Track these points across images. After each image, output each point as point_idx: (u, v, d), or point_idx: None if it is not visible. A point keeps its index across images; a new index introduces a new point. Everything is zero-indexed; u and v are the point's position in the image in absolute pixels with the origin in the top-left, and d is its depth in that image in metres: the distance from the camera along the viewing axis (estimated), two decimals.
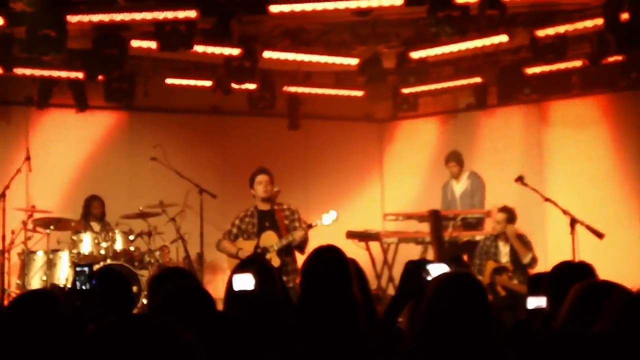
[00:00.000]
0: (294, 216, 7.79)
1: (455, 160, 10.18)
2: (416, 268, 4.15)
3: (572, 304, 2.91)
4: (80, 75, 9.63)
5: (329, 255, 4.24)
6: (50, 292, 3.70)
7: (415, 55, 9.92)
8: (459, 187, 10.19)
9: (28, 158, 8.94)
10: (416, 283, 3.99)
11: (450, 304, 2.72)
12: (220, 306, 4.07)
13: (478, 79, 10.53)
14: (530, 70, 9.78)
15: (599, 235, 7.78)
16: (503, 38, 9.00)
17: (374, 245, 9.96)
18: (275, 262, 7.36)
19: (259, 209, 7.88)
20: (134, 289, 5.72)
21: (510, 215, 8.68)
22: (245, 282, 3.91)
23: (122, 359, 1.41)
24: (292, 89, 11.23)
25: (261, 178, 7.92)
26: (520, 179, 8.53)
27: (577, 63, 9.41)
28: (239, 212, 8.08)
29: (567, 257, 7.23)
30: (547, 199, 8.36)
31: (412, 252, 10.01)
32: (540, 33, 8.83)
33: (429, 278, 3.98)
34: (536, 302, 3.53)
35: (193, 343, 1.49)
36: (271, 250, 7.56)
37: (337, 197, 11.64)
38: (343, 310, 3.99)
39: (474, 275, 3.03)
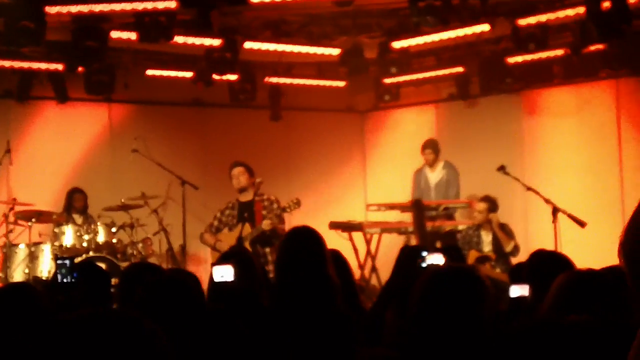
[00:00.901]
0: (272, 206, 7.88)
1: (431, 147, 10.23)
2: (412, 253, 4.18)
3: (557, 294, 2.90)
4: (60, 67, 9.56)
5: (303, 236, 4.23)
6: (30, 285, 3.68)
7: (397, 45, 9.91)
8: (434, 176, 10.23)
9: (9, 151, 8.88)
10: (410, 268, 4.01)
11: (446, 300, 2.61)
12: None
13: (460, 69, 10.55)
14: (512, 60, 9.80)
15: (581, 224, 7.82)
16: (485, 27, 9.01)
17: (357, 236, 9.97)
18: None
19: (240, 200, 7.95)
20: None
21: (491, 204, 8.71)
22: (224, 273, 3.91)
23: (82, 351, 1.40)
24: (274, 80, 11.20)
25: (235, 171, 8.10)
26: (502, 169, 8.56)
27: (559, 52, 9.45)
28: (221, 205, 8.14)
29: (550, 246, 7.26)
30: (529, 188, 8.40)
31: (395, 242, 10.05)
32: (522, 22, 8.85)
33: (424, 265, 4.01)
34: (519, 290, 3.54)
35: (158, 335, 1.48)
36: (245, 240, 7.67)
37: (320, 188, 11.65)
38: (317, 290, 3.98)
39: (475, 269, 2.91)
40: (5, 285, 4.33)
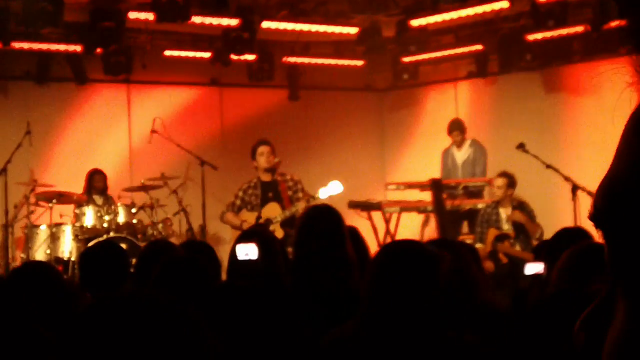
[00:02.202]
0: (297, 187, 7.80)
1: (458, 129, 10.14)
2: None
3: (563, 267, 2.90)
4: (78, 48, 9.59)
5: (322, 214, 4.22)
6: (48, 263, 3.71)
7: (415, 23, 9.85)
8: (461, 155, 10.16)
9: (28, 132, 8.92)
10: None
11: (394, 276, 2.63)
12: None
13: (479, 47, 10.47)
14: (531, 37, 9.71)
15: None
16: (504, 4, 8.94)
17: (376, 215, 9.96)
18: (279, 233, 7.37)
19: (262, 180, 7.87)
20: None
21: (510, 180, 8.66)
22: (248, 251, 3.92)
23: (118, 334, 1.40)
24: (292, 60, 11.18)
25: (262, 149, 7.92)
26: (521, 146, 8.50)
27: (579, 29, 9.35)
28: (241, 184, 8.08)
29: (569, 223, 7.22)
30: (548, 166, 8.34)
31: (414, 221, 10.05)
32: None
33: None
34: (534, 268, 3.52)
35: (195, 316, 1.48)
36: (274, 221, 7.56)
37: (338, 168, 11.62)
38: (336, 268, 3.98)
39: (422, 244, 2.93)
40: (24, 264, 4.36)
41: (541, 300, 2.28)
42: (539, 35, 9.63)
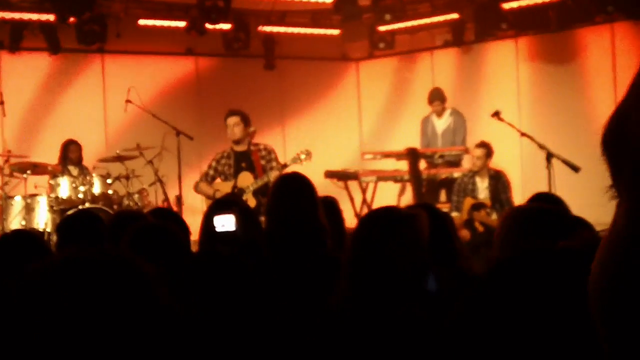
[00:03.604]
0: (271, 156, 7.80)
1: (438, 98, 10.13)
2: None
3: (501, 232, 2.89)
4: (51, 17, 9.47)
5: (293, 182, 4.22)
6: (36, 231, 3.71)
7: None
8: (441, 123, 10.17)
9: (1, 102, 8.82)
10: None
11: (370, 241, 2.70)
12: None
13: (455, 16, 10.47)
14: (507, 5, 9.72)
15: (575, 169, 7.81)
16: None
17: (353, 185, 9.98)
18: (252, 202, 7.38)
19: (235, 150, 7.87)
20: None
21: (488, 150, 8.71)
22: (225, 222, 3.90)
23: (71, 290, 1.40)
24: (267, 29, 11.12)
25: (230, 120, 7.94)
26: (496, 114, 8.52)
27: None
28: (215, 154, 8.07)
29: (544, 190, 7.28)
30: (523, 134, 8.37)
31: (390, 190, 10.08)
32: None
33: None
34: None
35: (152, 275, 1.48)
36: (247, 191, 7.58)
37: (315, 137, 11.62)
38: (307, 234, 3.99)
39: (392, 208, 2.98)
40: (12, 231, 4.35)
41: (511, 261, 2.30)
42: (514, 4, 9.64)
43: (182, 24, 10.36)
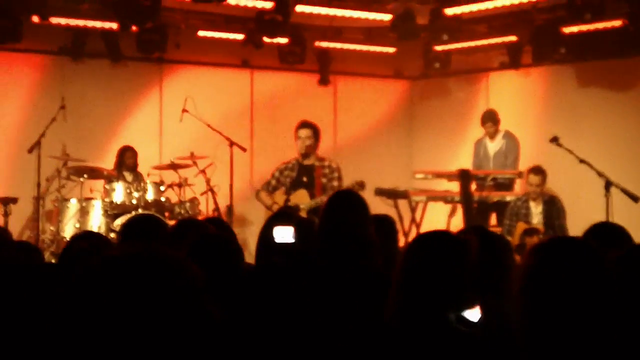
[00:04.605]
0: (333, 175, 7.66)
1: (491, 120, 10.08)
2: None
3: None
4: (114, 25, 9.65)
5: (346, 199, 4.26)
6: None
7: (449, 11, 9.80)
8: (493, 146, 10.11)
9: (63, 107, 9.00)
10: None
11: (423, 264, 2.70)
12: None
13: (513, 38, 10.40)
14: (566, 30, 9.62)
15: (635, 198, 7.71)
16: None
17: (402, 203, 9.97)
18: None
19: (300, 162, 7.77)
20: None
21: (544, 175, 8.63)
22: (285, 234, 3.94)
23: (125, 284, 1.45)
24: (323, 44, 11.18)
25: (302, 132, 7.79)
26: (555, 140, 8.44)
27: (616, 23, 9.25)
28: (280, 164, 8.01)
29: (601, 220, 7.18)
30: (582, 161, 8.26)
31: (440, 211, 10.04)
32: None
33: None
34: None
35: (201, 280, 1.53)
36: (301, 209, 7.52)
37: (366, 154, 11.65)
38: (358, 250, 4.01)
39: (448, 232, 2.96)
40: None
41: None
42: (574, 28, 9.54)
43: (240, 36, 10.48)
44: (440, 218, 9.89)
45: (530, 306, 2.24)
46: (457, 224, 9.56)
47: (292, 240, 3.95)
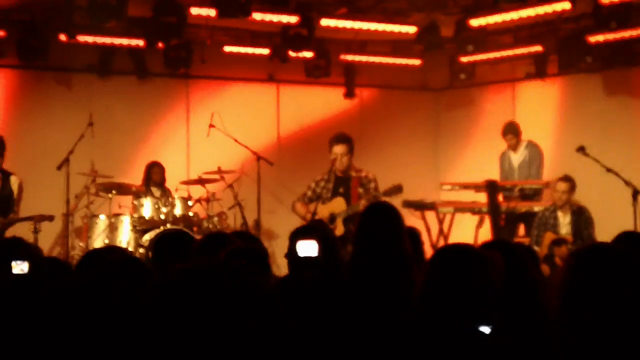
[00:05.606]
0: (369, 185, 7.62)
1: (512, 132, 10.06)
2: None
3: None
4: (140, 42, 9.75)
5: (382, 211, 4.27)
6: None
7: (474, 22, 9.78)
8: (517, 157, 10.08)
9: (91, 124, 9.09)
10: None
11: (445, 278, 2.72)
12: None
13: (538, 48, 10.35)
14: (592, 39, 9.56)
15: None
16: (565, 5, 8.82)
17: (430, 215, 9.95)
18: (340, 230, 7.33)
19: (336, 174, 7.74)
20: None
21: (572, 184, 8.58)
22: (309, 248, 3.96)
23: (203, 303, 1.47)
24: (349, 57, 11.21)
25: (337, 149, 7.67)
26: (581, 149, 8.40)
27: None
28: (316, 175, 7.95)
29: (629, 229, 7.12)
30: (609, 170, 8.22)
31: (468, 222, 10.00)
32: (604, 0, 8.64)
33: None
34: None
35: (269, 288, 1.55)
36: (338, 217, 7.50)
37: (393, 166, 11.61)
38: (393, 265, 4.01)
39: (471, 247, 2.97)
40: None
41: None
42: (600, 37, 9.49)
43: (265, 51, 10.54)
44: (468, 229, 9.85)
45: (573, 311, 2.29)
46: (485, 235, 9.52)
47: (316, 254, 3.96)
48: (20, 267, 3.39)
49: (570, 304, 2.35)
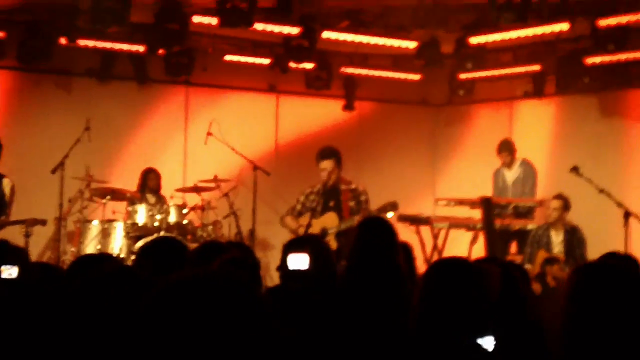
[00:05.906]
0: (360, 198, 7.60)
1: (507, 150, 10.13)
2: None
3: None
4: (141, 48, 9.78)
5: (376, 225, 4.28)
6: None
7: (474, 40, 9.85)
8: (511, 174, 10.14)
9: (88, 128, 9.06)
10: None
11: (441, 291, 2.73)
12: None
13: (537, 67, 10.41)
14: (590, 60, 9.63)
15: None
16: (564, 26, 8.88)
17: (425, 230, 9.96)
18: (333, 244, 7.29)
19: (326, 187, 7.64)
20: None
21: (565, 202, 8.61)
22: (300, 261, 3.96)
23: (196, 311, 1.49)
24: (349, 70, 11.25)
25: (324, 164, 7.61)
26: (575, 169, 8.44)
27: (639, 54, 9.25)
28: (305, 188, 7.92)
29: (620, 250, 7.14)
30: (601, 191, 8.27)
31: (462, 237, 10.02)
32: (602, 23, 8.70)
33: None
34: None
35: (260, 295, 1.57)
36: (330, 232, 7.46)
37: (388, 179, 11.64)
38: (387, 278, 4.02)
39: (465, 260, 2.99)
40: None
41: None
42: (597, 59, 9.55)
43: (266, 61, 10.58)
44: (462, 245, 9.86)
45: (577, 327, 2.37)
46: (478, 251, 9.54)
47: (307, 267, 3.96)
48: (9, 272, 3.36)
49: (575, 319, 2.45)
